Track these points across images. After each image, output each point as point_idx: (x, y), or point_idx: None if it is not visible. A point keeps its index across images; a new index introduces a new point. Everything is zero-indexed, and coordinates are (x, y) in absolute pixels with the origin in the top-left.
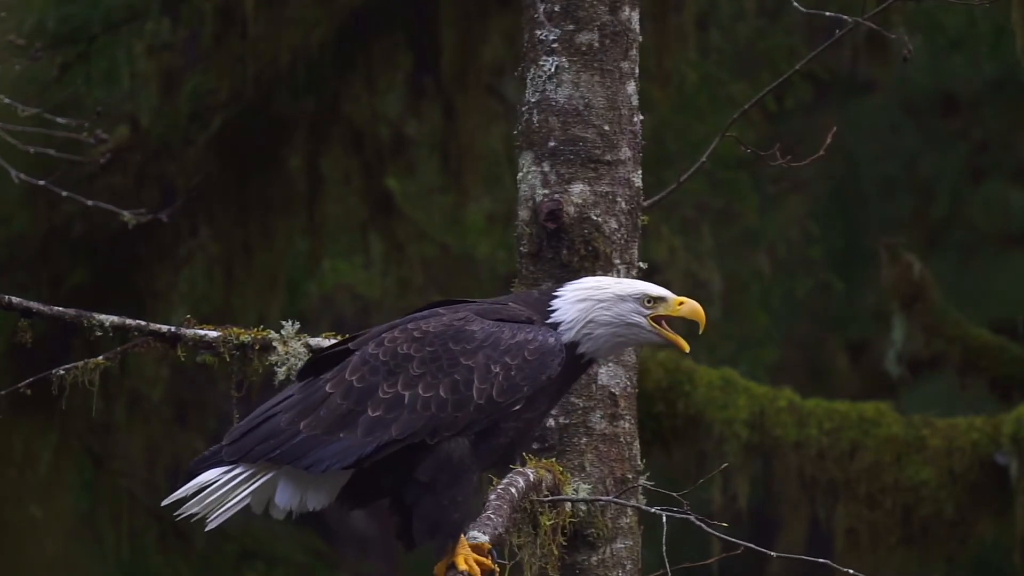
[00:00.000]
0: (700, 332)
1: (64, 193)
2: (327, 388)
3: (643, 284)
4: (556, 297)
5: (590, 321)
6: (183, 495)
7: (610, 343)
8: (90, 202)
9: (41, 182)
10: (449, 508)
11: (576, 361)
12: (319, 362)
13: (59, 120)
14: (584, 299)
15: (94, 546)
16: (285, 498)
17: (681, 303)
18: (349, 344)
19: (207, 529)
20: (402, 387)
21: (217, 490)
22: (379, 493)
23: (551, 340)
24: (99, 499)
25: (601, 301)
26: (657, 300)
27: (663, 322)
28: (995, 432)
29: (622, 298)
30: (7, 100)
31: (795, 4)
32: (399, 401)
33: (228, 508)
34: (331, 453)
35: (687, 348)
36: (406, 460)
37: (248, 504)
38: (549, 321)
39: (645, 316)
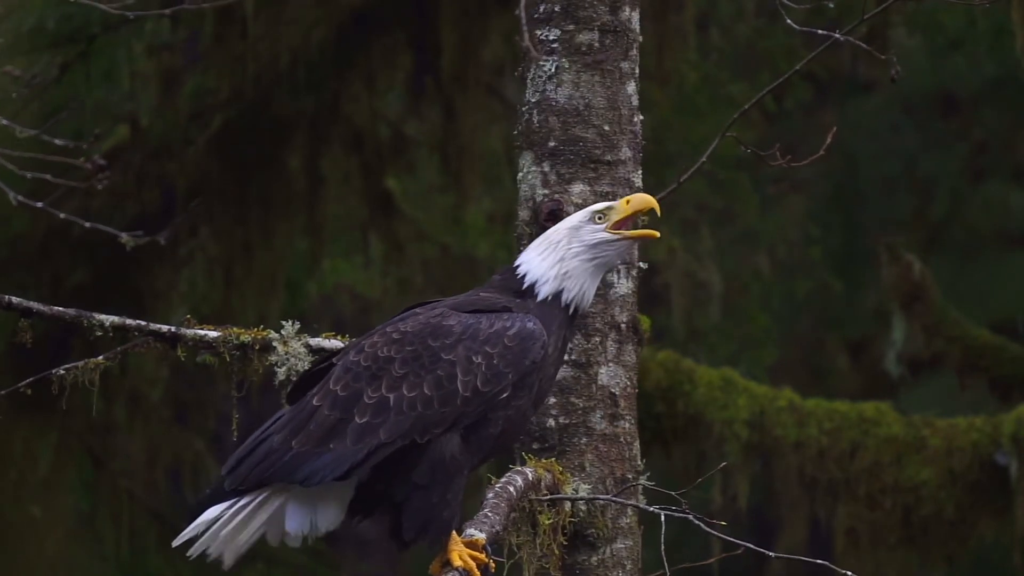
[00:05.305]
0: (659, 215)
1: (62, 215)
2: (314, 402)
3: (586, 208)
4: (517, 267)
5: (562, 261)
6: (192, 534)
7: (588, 273)
8: (88, 224)
9: (39, 204)
10: (439, 505)
11: (563, 315)
12: (306, 381)
13: (56, 141)
14: (544, 249)
15: (94, 546)
16: (295, 523)
17: (628, 202)
18: (333, 359)
19: (225, 568)
20: (386, 390)
21: (225, 525)
22: (384, 501)
23: (530, 325)
24: (99, 499)
25: (559, 242)
26: (606, 211)
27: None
28: (995, 432)
29: (576, 228)
30: (5, 122)
31: (789, 22)
32: (384, 404)
33: (241, 544)
34: (323, 464)
35: (656, 233)
36: (401, 463)
37: (264, 535)
38: (524, 288)
39: (602, 229)
